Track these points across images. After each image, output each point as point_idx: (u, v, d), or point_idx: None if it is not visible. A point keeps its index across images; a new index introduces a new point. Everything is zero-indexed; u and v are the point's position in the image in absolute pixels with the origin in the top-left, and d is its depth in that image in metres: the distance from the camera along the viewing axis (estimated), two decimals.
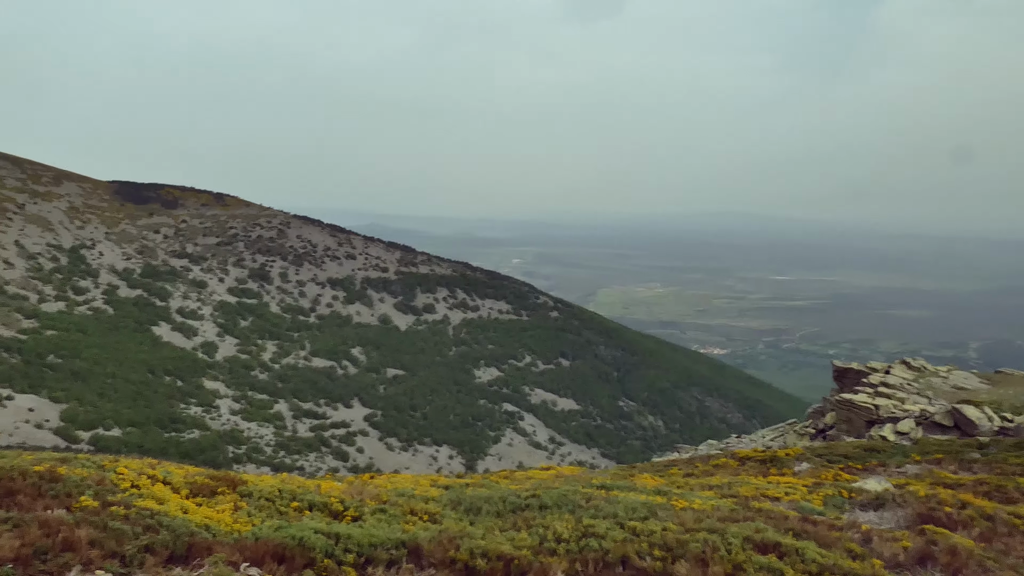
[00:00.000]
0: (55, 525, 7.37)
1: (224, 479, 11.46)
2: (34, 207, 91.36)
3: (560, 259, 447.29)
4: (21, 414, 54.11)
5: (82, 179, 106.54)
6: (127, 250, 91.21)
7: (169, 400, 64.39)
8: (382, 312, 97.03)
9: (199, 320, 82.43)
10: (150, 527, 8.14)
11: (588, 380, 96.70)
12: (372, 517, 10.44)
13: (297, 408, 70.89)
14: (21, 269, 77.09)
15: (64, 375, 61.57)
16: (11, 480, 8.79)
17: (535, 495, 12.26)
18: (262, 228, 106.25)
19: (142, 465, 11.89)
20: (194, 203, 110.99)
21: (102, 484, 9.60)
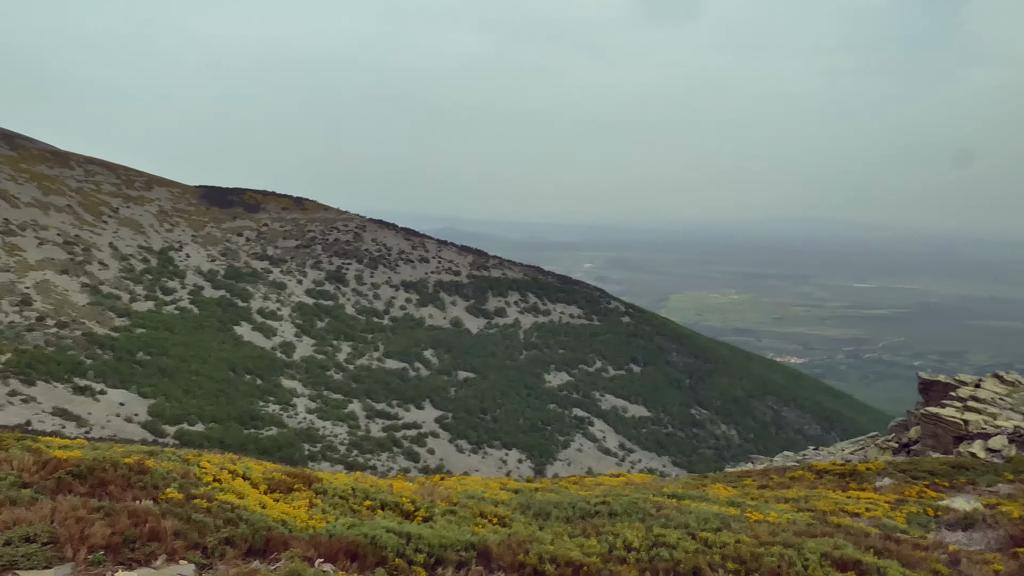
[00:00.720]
0: (143, 515, 7.70)
1: (300, 476, 11.78)
2: (127, 211, 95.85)
3: (632, 264, 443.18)
4: (113, 408, 56.81)
5: (171, 184, 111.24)
6: (212, 252, 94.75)
7: (249, 398, 66.52)
8: (454, 315, 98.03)
9: (278, 321, 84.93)
10: (230, 520, 8.42)
11: (659, 387, 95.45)
12: (442, 518, 10.54)
13: (370, 408, 72.23)
14: (115, 270, 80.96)
15: (152, 371, 64.36)
16: (103, 471, 9.23)
17: (605, 502, 12.17)
18: (339, 231, 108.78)
19: (223, 460, 12.33)
20: (275, 207, 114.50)
21: (186, 477, 9.99)
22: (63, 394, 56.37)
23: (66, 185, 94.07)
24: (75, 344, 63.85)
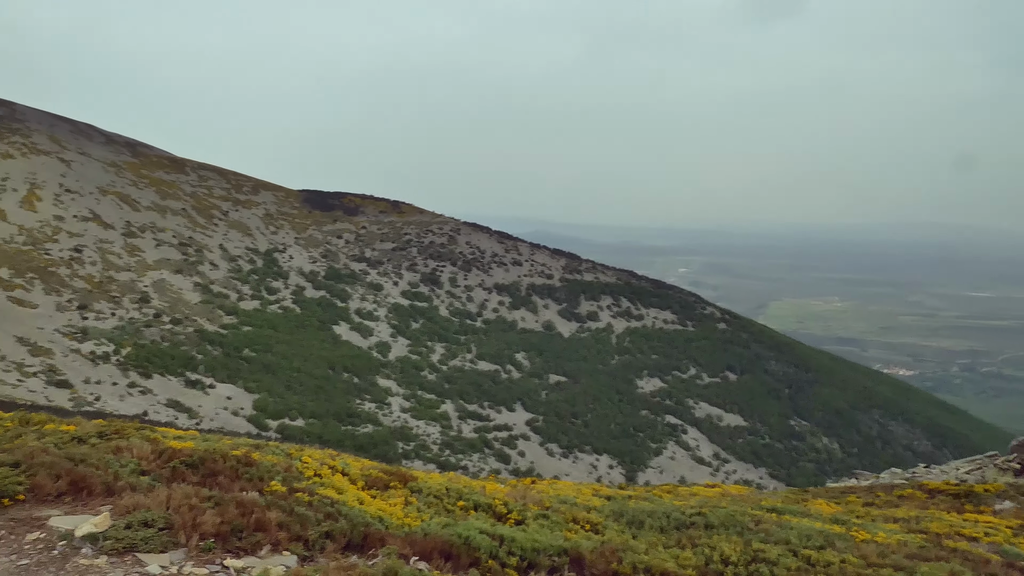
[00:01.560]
0: (250, 506, 8.02)
1: (396, 474, 12.03)
2: (236, 214, 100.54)
3: (729, 269, 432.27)
4: (221, 401, 59.66)
5: (276, 188, 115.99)
6: (313, 254, 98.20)
7: (346, 395, 68.53)
8: (546, 318, 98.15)
9: (375, 321, 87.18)
10: (330, 515, 8.67)
11: (757, 396, 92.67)
12: (535, 522, 10.54)
13: (463, 409, 73.13)
14: (224, 270, 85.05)
15: (257, 367, 67.22)
16: (213, 462, 9.68)
17: (701, 513, 11.88)
18: (434, 234, 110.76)
19: (324, 456, 12.73)
20: (373, 210, 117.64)
21: (289, 471, 10.37)
22: (176, 387, 59.61)
23: (181, 190, 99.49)
24: (188, 340, 67.40)
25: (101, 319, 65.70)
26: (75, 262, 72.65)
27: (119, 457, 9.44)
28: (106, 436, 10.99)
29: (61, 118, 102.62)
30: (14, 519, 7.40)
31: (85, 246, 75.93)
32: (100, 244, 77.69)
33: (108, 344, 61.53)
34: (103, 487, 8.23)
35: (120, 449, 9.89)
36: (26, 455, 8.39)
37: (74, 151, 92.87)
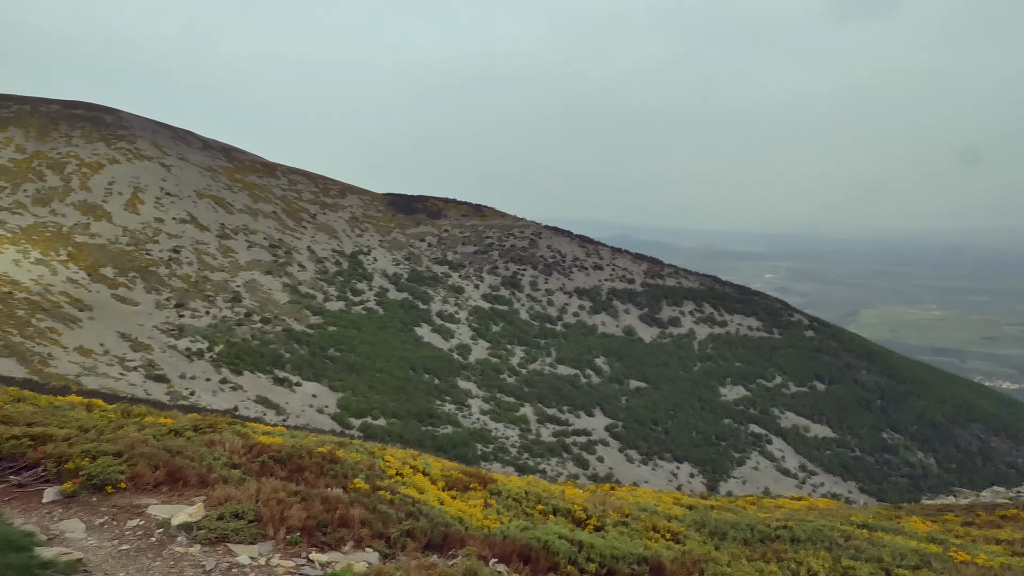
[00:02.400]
0: (334, 502, 8.21)
1: (476, 476, 12.10)
2: (323, 217, 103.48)
3: (817, 275, 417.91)
4: (306, 399, 61.46)
5: (362, 192, 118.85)
6: (396, 256, 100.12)
7: (427, 396, 69.52)
8: (627, 323, 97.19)
9: (456, 323, 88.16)
10: (411, 514, 8.78)
11: (846, 406, 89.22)
12: (614, 529, 10.42)
13: (541, 413, 73.13)
14: (311, 271, 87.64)
15: (341, 367, 68.95)
16: (300, 458, 9.95)
17: (787, 526, 11.50)
18: (515, 238, 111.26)
19: (405, 455, 12.92)
20: (455, 214, 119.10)
21: (372, 469, 10.56)
22: (265, 384, 61.74)
23: (272, 193, 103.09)
24: (276, 339, 69.72)
25: (196, 317, 68.69)
26: (173, 262, 76.21)
27: (212, 450, 9.81)
28: (200, 430, 11.45)
29: (163, 125, 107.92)
30: (116, 506, 7.79)
31: (183, 247, 79.57)
32: (196, 245, 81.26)
33: (202, 341, 64.26)
34: (197, 478, 8.56)
35: (213, 443, 10.28)
36: (128, 445, 8.81)
37: (174, 156, 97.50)
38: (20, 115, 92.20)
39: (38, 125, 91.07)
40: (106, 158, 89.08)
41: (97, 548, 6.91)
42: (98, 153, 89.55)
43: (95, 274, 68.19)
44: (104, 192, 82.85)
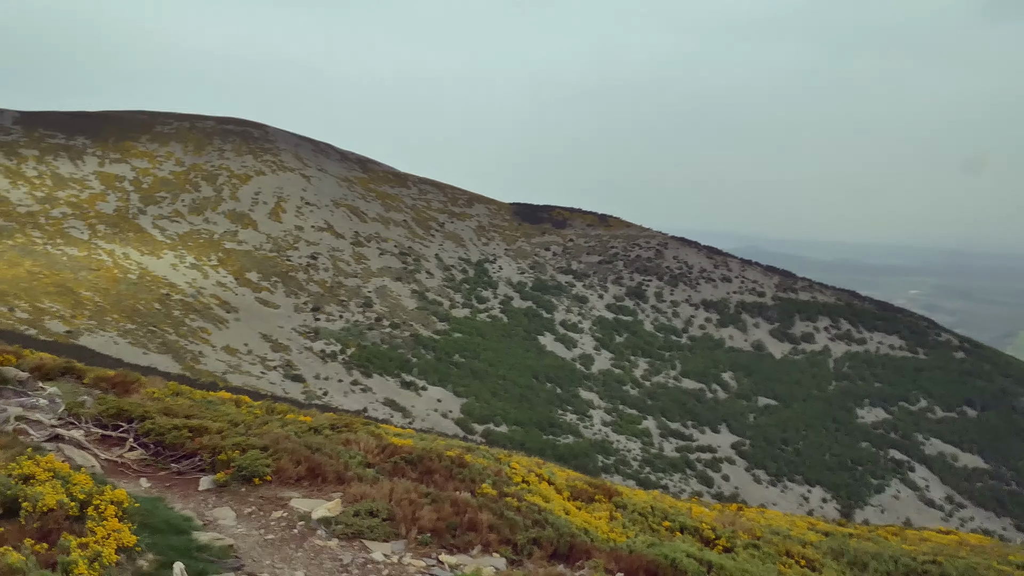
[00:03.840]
0: (463, 506, 8.36)
1: (601, 488, 12.01)
2: (451, 225, 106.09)
3: (969, 293, 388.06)
4: (431, 403, 63.05)
5: (489, 201, 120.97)
6: (521, 265, 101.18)
7: (549, 405, 69.70)
8: (756, 338, 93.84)
9: (579, 333, 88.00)
10: (538, 522, 8.81)
11: (1002, 435, 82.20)
12: (744, 551, 10.06)
13: (664, 427, 71.73)
14: (438, 279, 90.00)
15: (466, 373, 70.30)
16: (430, 461, 10.20)
17: (935, 561, 10.72)
18: (640, 248, 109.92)
19: (530, 463, 12.99)
20: (580, 223, 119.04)
21: (499, 476, 10.69)
22: (392, 387, 63.84)
23: (403, 202, 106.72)
24: (404, 344, 71.99)
25: (331, 321, 72.00)
26: (311, 268, 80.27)
27: (348, 449, 10.23)
28: (337, 428, 11.97)
29: (304, 138, 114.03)
30: (263, 497, 8.26)
31: (320, 254, 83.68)
32: (332, 252, 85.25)
33: (336, 344, 67.25)
34: (335, 475, 8.95)
35: (349, 442, 10.72)
36: (273, 440, 9.33)
37: (314, 168, 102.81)
38: (180, 131, 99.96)
39: (195, 140, 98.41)
40: (253, 170, 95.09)
41: (246, 536, 7.34)
42: (246, 165, 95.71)
43: (241, 278, 72.82)
44: (251, 202, 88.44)
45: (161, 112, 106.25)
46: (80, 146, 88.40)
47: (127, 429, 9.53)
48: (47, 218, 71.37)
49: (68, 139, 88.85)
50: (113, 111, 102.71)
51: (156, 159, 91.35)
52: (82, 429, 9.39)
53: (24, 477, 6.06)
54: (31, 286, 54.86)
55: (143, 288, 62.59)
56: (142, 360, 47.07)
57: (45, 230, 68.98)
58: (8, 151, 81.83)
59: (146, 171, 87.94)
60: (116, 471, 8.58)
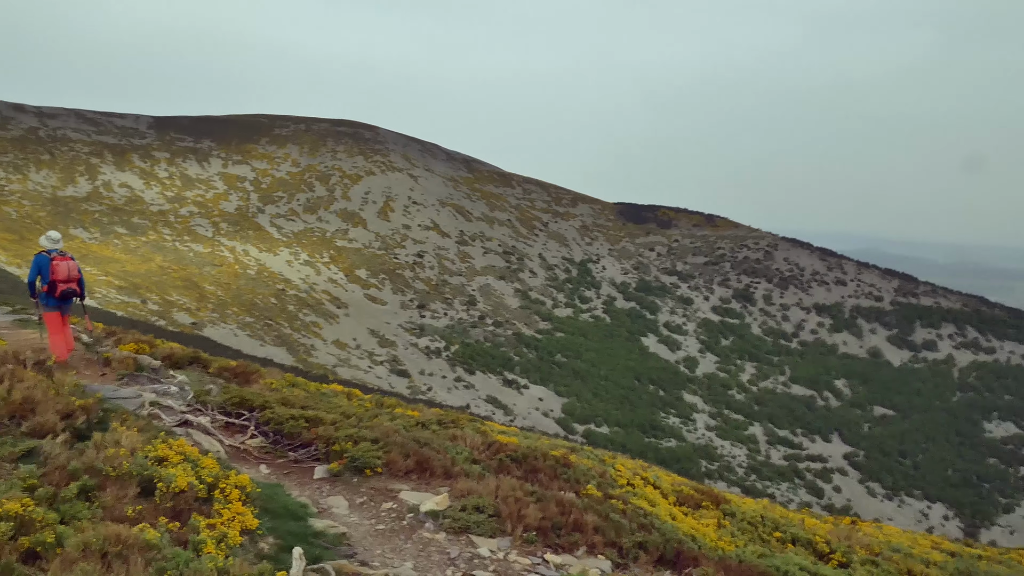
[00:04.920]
0: (568, 506, 8.33)
1: (708, 494, 11.72)
2: (555, 225, 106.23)
3: None
4: (533, 402, 63.33)
5: (593, 201, 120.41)
6: (625, 265, 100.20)
7: (651, 407, 68.72)
8: (872, 344, 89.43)
9: (683, 335, 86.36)
10: (643, 526, 8.68)
11: None
12: (862, 568, 9.60)
13: (772, 434, 69.42)
14: (541, 278, 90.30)
15: (567, 373, 70.22)
16: (535, 459, 10.23)
17: None
18: (749, 249, 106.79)
19: (635, 466, 12.83)
20: (686, 223, 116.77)
21: (603, 477, 10.60)
22: (494, 384, 64.52)
23: (507, 202, 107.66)
24: (506, 342, 72.62)
25: (435, 318, 73.47)
26: (417, 266, 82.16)
27: (455, 444, 10.39)
28: (444, 424, 12.18)
29: (413, 139, 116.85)
30: (373, 488, 8.49)
31: (426, 252, 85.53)
32: (438, 251, 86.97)
33: (440, 341, 68.56)
34: (442, 470, 9.10)
35: (456, 437, 10.88)
36: (383, 433, 9.59)
37: (421, 168, 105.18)
38: (296, 133, 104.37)
39: (310, 141, 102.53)
40: (364, 170, 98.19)
41: (357, 525, 7.57)
42: (357, 166, 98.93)
43: (351, 275, 75.34)
44: (361, 201, 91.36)
45: (279, 115, 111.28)
46: (206, 148, 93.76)
47: (248, 417, 10.01)
48: (176, 216, 76.04)
49: (195, 142, 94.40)
50: (236, 115, 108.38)
51: (274, 160, 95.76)
52: (208, 416, 9.93)
53: (159, 459, 6.46)
54: (161, 280, 58.59)
55: (261, 283, 65.72)
56: (259, 352, 49.43)
57: (174, 227, 73.52)
58: (143, 154, 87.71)
59: (265, 172, 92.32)
60: (238, 457, 9.03)
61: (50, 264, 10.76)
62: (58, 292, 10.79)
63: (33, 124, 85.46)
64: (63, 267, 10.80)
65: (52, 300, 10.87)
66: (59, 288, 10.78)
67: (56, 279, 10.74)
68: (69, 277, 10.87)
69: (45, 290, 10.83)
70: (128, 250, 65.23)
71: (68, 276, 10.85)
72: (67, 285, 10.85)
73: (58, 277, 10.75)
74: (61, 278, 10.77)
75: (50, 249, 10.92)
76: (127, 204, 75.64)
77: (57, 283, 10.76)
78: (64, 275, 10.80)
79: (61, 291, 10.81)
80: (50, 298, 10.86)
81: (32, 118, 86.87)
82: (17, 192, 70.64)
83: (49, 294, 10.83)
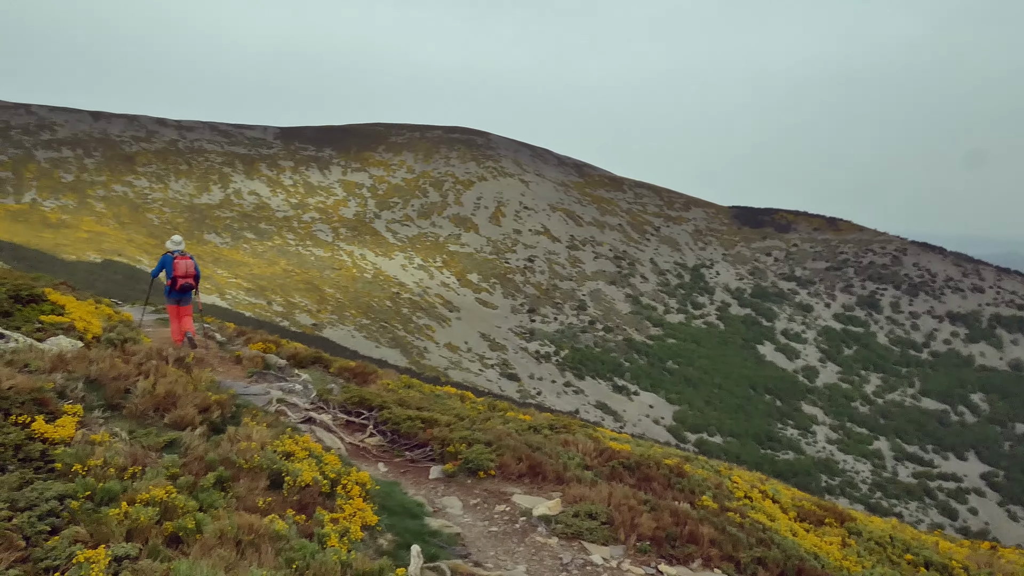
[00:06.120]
0: (683, 517, 8.14)
1: (831, 511, 11.19)
2: (667, 229, 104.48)
3: None
4: (643, 408, 62.43)
5: (706, 204, 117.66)
6: (740, 271, 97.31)
7: (767, 418, 66.36)
8: (1014, 356, 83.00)
9: (802, 343, 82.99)
10: (762, 541, 8.37)
11: None
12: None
13: (899, 449, 65.60)
14: (653, 283, 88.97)
15: (679, 380, 68.83)
16: (648, 468, 10.06)
17: None
18: (874, 254, 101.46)
19: (752, 478, 12.41)
20: (806, 227, 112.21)
21: (719, 489, 10.31)
22: (604, 390, 64.03)
23: (618, 206, 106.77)
24: (617, 347, 71.95)
25: (545, 322, 73.69)
26: (527, 271, 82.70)
27: (567, 450, 10.37)
28: (556, 429, 12.18)
29: (524, 144, 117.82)
30: (487, 490, 8.59)
31: (536, 257, 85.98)
32: (548, 255, 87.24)
33: (550, 345, 68.71)
34: (554, 475, 9.10)
35: (567, 443, 10.86)
36: (496, 436, 9.68)
37: (532, 173, 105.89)
38: (411, 141, 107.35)
39: (424, 148, 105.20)
40: (476, 176, 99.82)
41: (471, 526, 7.67)
42: (470, 172, 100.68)
43: (463, 279, 76.69)
44: (473, 206, 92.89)
45: (395, 124, 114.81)
46: (327, 157, 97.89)
47: (367, 416, 10.34)
48: (299, 222, 79.74)
49: (317, 151, 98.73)
50: (355, 124, 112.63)
51: (390, 167, 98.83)
52: (330, 414, 10.34)
53: (286, 454, 6.77)
54: (285, 283, 61.56)
55: (377, 287, 67.91)
56: (374, 353, 51.08)
57: (297, 232, 77.11)
58: (270, 163, 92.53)
59: (381, 179, 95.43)
60: (357, 454, 9.34)
61: (172, 262, 12.62)
62: (178, 286, 12.67)
63: (173, 136, 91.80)
64: (182, 265, 12.67)
65: (172, 293, 12.76)
66: (179, 283, 12.65)
67: (176, 275, 12.63)
68: (187, 273, 12.73)
69: (169, 284, 12.68)
70: (255, 254, 68.93)
71: (186, 272, 12.72)
72: (185, 280, 12.73)
73: (178, 273, 12.63)
74: (180, 274, 12.65)
75: (173, 250, 12.76)
76: (255, 211, 79.96)
77: (177, 278, 12.63)
78: (183, 271, 12.68)
79: (180, 285, 12.68)
80: (171, 291, 12.74)
81: (172, 131, 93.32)
82: (159, 200, 76.03)
83: (171, 288, 12.70)
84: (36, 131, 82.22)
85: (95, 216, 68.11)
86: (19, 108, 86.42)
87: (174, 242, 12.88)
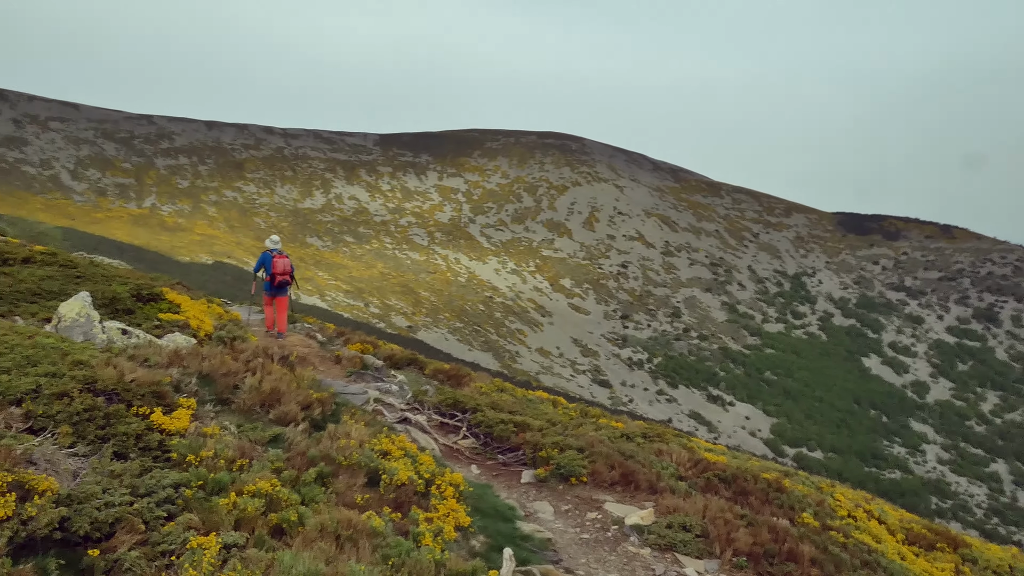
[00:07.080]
0: (782, 533, 7.87)
1: (944, 535, 10.57)
2: (766, 236, 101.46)
3: None
4: (739, 420, 60.77)
5: (809, 210, 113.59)
6: (844, 280, 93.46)
7: (872, 434, 63.42)
8: None
9: (911, 357, 78.93)
10: (868, 563, 8.00)
11: None
12: None
13: (1019, 473, 61.42)
14: (751, 291, 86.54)
15: (777, 391, 66.65)
16: (744, 481, 9.78)
17: None
18: (994, 264, 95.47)
19: (856, 497, 11.87)
20: (917, 235, 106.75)
21: (821, 506, 9.90)
22: (698, 399, 62.69)
23: (715, 212, 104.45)
24: (712, 356, 70.33)
25: (638, 329, 72.80)
26: (621, 276, 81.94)
27: (660, 459, 10.20)
28: (649, 438, 12.00)
29: (619, 149, 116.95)
30: (579, 497, 8.55)
31: (630, 262, 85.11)
32: (642, 261, 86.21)
33: (643, 352, 67.83)
34: (647, 484, 8.96)
35: (661, 452, 10.68)
36: (588, 443, 9.62)
37: (627, 178, 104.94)
38: (506, 146, 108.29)
39: (519, 154, 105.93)
40: (570, 181, 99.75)
41: (563, 532, 7.64)
42: (564, 177, 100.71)
43: (555, 284, 76.71)
44: (567, 211, 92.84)
45: (490, 129, 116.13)
46: (424, 162, 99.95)
47: (461, 419, 10.48)
48: (396, 226, 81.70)
49: (415, 156, 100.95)
50: (450, 130, 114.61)
51: (485, 172, 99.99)
52: (425, 415, 10.52)
53: (383, 452, 6.93)
54: (382, 285, 63.16)
55: (470, 290, 68.78)
56: (467, 356, 51.72)
57: (394, 236, 79.02)
58: (369, 169, 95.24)
59: (476, 184, 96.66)
60: (451, 456, 9.47)
61: (272, 260, 13.74)
62: (276, 282, 13.75)
63: (279, 144, 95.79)
64: (280, 263, 13.80)
65: (270, 288, 13.84)
66: (276, 279, 13.73)
67: (275, 272, 13.71)
68: (284, 271, 13.80)
69: (267, 279, 13.77)
70: (354, 257, 71.04)
71: (283, 270, 13.80)
72: (282, 277, 13.78)
73: (276, 271, 13.72)
74: (278, 271, 13.74)
75: (272, 249, 13.91)
76: (354, 215, 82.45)
77: (275, 275, 13.71)
78: (280, 269, 13.77)
79: (278, 281, 13.75)
80: (269, 286, 13.82)
81: (279, 139, 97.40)
82: (265, 205, 79.47)
83: (269, 283, 13.79)
84: (156, 140, 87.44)
85: (207, 220, 71.82)
86: (142, 119, 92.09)
87: (273, 241, 13.98)
